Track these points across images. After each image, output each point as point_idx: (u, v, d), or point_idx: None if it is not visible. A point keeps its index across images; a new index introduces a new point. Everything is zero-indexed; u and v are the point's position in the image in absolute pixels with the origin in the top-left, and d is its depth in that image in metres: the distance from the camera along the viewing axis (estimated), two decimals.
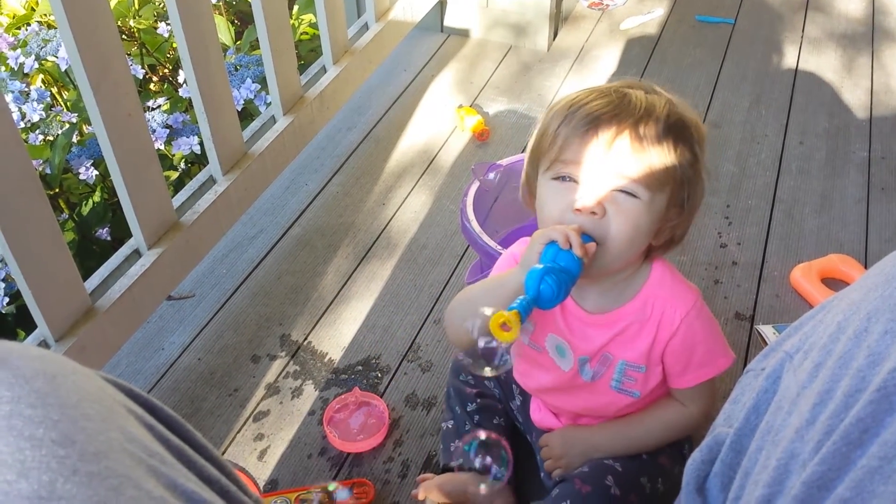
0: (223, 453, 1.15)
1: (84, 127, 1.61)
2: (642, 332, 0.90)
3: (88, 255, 1.50)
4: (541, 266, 0.79)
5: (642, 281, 0.91)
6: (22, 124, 1.51)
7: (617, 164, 0.81)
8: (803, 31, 2.17)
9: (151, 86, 1.86)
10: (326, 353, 1.29)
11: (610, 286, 0.91)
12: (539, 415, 1.05)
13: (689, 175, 0.85)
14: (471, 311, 0.82)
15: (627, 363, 0.92)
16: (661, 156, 0.82)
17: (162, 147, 1.56)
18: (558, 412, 1.03)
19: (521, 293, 0.79)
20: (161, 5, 1.84)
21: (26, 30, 1.67)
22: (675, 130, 0.83)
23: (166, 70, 1.86)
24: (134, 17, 1.79)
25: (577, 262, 0.80)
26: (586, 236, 0.82)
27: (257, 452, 1.14)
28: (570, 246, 0.80)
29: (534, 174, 0.90)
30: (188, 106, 1.67)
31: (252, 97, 1.65)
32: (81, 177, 1.49)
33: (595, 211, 0.82)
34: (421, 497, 1.01)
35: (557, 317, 0.93)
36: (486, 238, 1.16)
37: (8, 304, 1.35)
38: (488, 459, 0.87)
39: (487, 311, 0.76)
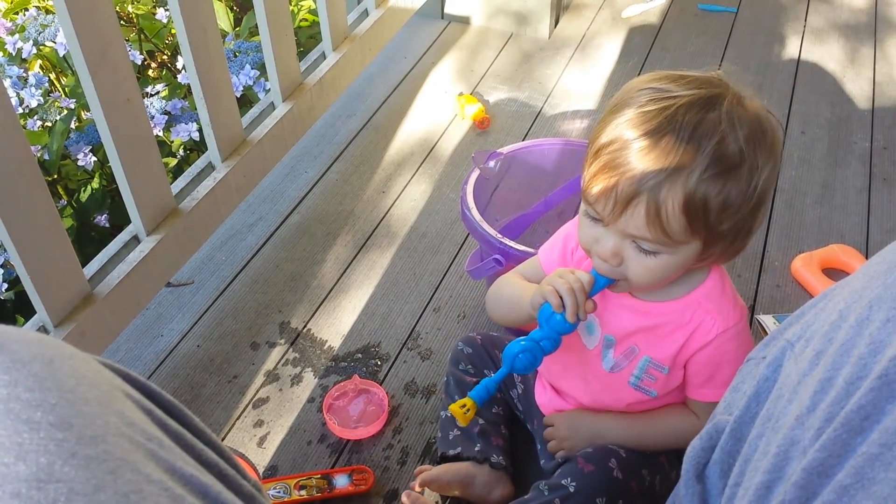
0: (223, 439, 1.15)
1: (82, 113, 1.60)
2: (674, 334, 0.88)
3: (87, 241, 1.49)
4: (522, 341, 0.86)
5: (693, 286, 0.88)
6: (20, 110, 1.50)
7: (633, 227, 0.77)
8: (806, 20, 2.16)
9: (150, 72, 1.85)
10: (326, 341, 1.29)
11: None
12: (545, 397, 1.05)
13: (730, 222, 0.78)
14: (500, 309, 1.01)
15: (652, 361, 0.91)
16: (687, 219, 0.76)
17: (160, 134, 1.55)
18: (568, 399, 1.02)
19: (531, 316, 0.89)
20: None
21: (24, 15, 1.66)
22: (717, 178, 0.75)
23: (165, 56, 1.85)
24: (132, 3, 1.78)
25: (567, 326, 0.84)
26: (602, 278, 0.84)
27: (257, 439, 1.14)
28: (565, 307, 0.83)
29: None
30: (187, 92, 1.66)
31: (251, 83, 1.64)
32: (80, 163, 1.48)
33: (609, 261, 0.81)
34: (418, 489, 1.01)
35: None
36: (486, 226, 1.16)
37: (7, 290, 1.35)
38: None
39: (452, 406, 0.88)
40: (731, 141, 0.75)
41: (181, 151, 1.64)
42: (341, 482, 1.06)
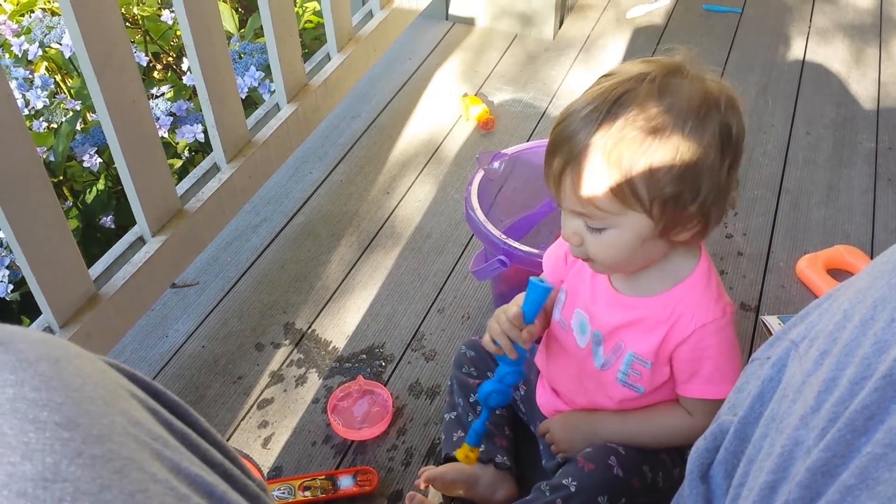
0: (227, 440, 1.15)
1: (88, 114, 1.61)
2: (656, 328, 0.89)
3: (92, 242, 1.50)
4: (491, 383, 0.95)
5: (676, 281, 0.88)
6: (26, 111, 1.51)
7: (568, 202, 0.82)
8: (811, 20, 2.15)
9: (155, 73, 1.86)
10: (330, 342, 1.29)
11: (641, 273, 0.89)
12: (544, 398, 1.05)
13: (667, 190, 0.77)
14: None
15: (635, 356, 0.91)
16: (612, 188, 0.77)
17: (166, 135, 1.56)
18: (565, 400, 1.03)
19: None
20: None
21: (30, 17, 1.66)
22: (633, 142, 0.76)
23: (170, 58, 1.85)
24: (137, 5, 1.79)
25: (515, 362, 0.92)
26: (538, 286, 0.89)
27: (261, 440, 1.15)
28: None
29: None
30: (192, 94, 1.67)
31: (256, 85, 1.65)
32: (85, 164, 1.49)
33: (571, 241, 0.85)
34: (423, 486, 1.02)
35: (587, 288, 0.93)
36: (490, 227, 1.16)
37: (12, 291, 1.35)
38: None
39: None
40: (651, 108, 0.76)
41: (186, 153, 1.64)
42: (346, 483, 1.06)
